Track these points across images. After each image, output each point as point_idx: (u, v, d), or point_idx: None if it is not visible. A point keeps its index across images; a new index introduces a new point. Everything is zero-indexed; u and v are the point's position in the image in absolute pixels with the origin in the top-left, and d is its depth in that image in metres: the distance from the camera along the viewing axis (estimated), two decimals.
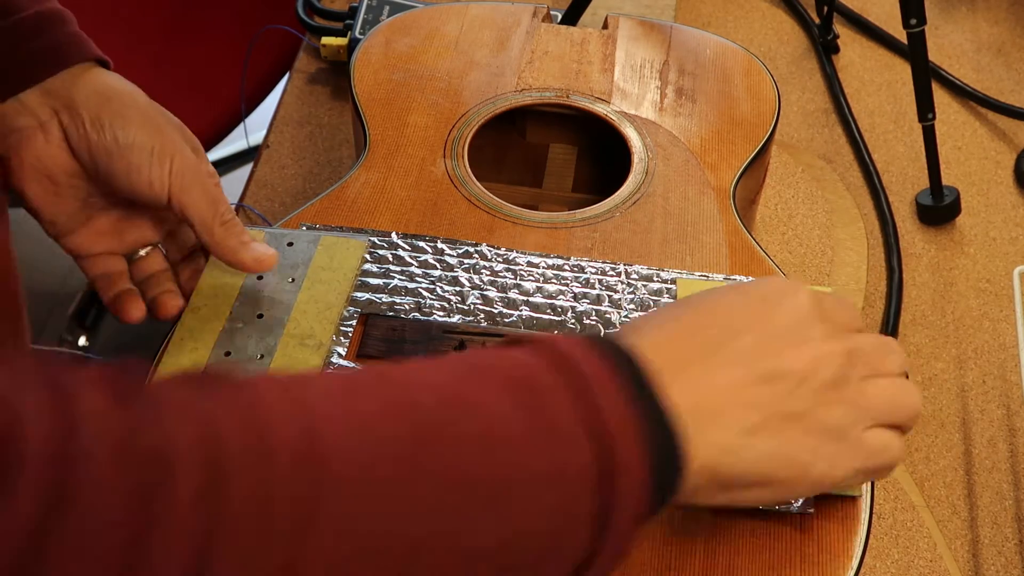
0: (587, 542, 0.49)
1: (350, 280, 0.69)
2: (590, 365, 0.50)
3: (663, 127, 0.80)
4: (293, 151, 0.96)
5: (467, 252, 0.71)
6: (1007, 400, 0.81)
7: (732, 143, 0.79)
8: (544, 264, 0.70)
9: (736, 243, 0.73)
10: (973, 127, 1.00)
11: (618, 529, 0.49)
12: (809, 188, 0.94)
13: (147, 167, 0.68)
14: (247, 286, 0.68)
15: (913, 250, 0.91)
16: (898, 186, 0.96)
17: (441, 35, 0.86)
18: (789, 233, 0.91)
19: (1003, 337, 0.85)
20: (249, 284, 0.69)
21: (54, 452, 0.39)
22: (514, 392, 0.49)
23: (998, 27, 1.08)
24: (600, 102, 0.81)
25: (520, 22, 0.87)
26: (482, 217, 0.73)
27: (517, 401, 0.49)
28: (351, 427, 0.46)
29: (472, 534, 0.47)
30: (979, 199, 0.95)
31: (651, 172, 0.77)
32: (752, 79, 0.84)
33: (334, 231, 0.72)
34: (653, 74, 0.84)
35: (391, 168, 0.76)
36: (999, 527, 0.75)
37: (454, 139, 0.78)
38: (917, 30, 0.86)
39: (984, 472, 0.77)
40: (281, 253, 0.70)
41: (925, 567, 0.73)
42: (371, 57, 0.84)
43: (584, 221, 0.73)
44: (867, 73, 1.04)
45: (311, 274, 0.69)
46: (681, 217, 0.74)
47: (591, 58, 0.84)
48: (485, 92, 0.81)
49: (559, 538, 0.48)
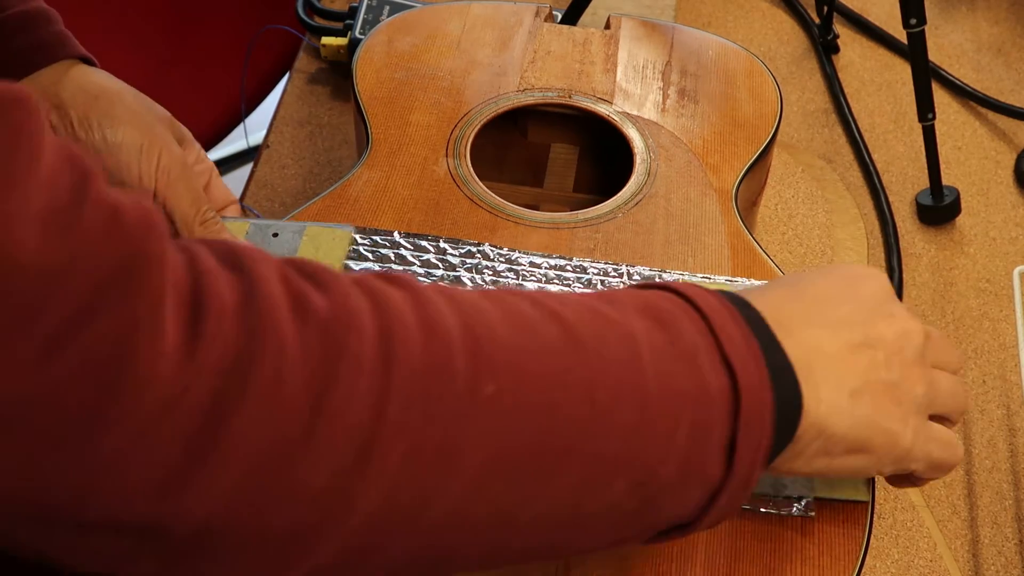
0: (717, 472, 0.49)
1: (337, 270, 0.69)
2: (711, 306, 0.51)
3: (665, 128, 0.80)
4: (293, 151, 0.96)
5: (469, 252, 0.71)
6: (1007, 400, 0.82)
7: (734, 145, 0.79)
8: (546, 264, 0.71)
9: (738, 245, 0.73)
10: (973, 127, 1.00)
11: (743, 463, 0.49)
12: (809, 188, 0.94)
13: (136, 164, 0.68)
14: None
15: (913, 250, 0.91)
16: (898, 186, 0.96)
17: (444, 34, 0.86)
18: (789, 233, 0.91)
19: (1003, 337, 0.86)
20: None
21: (242, 301, 0.41)
22: (649, 317, 0.50)
23: (998, 27, 1.09)
24: (602, 102, 0.82)
25: (523, 22, 0.87)
26: (484, 217, 0.73)
27: (653, 324, 0.49)
28: (507, 323, 0.47)
29: (616, 441, 0.47)
30: (979, 199, 0.95)
31: (653, 173, 0.77)
32: (755, 81, 0.84)
33: (319, 222, 0.72)
34: (655, 75, 0.84)
35: (393, 167, 0.76)
36: (999, 527, 0.75)
37: (456, 138, 0.78)
38: (917, 30, 0.86)
39: (984, 472, 0.78)
40: (266, 245, 0.70)
41: (925, 567, 0.73)
42: (374, 56, 0.84)
43: (586, 222, 0.74)
44: (867, 73, 1.05)
45: None
46: (683, 218, 0.74)
47: (594, 58, 0.84)
48: (487, 91, 0.82)
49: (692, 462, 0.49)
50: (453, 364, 0.44)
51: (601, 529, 0.50)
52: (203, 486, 0.40)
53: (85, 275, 0.38)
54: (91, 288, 0.38)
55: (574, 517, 0.48)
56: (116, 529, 0.40)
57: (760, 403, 0.49)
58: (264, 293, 0.42)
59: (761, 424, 0.49)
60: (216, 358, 0.40)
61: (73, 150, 0.40)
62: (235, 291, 0.41)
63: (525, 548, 0.49)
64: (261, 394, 0.40)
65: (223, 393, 0.40)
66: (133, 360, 0.38)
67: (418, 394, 0.43)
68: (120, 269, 0.39)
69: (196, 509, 0.40)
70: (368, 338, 0.43)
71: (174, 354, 0.39)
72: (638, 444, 0.47)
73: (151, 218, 0.41)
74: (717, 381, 0.49)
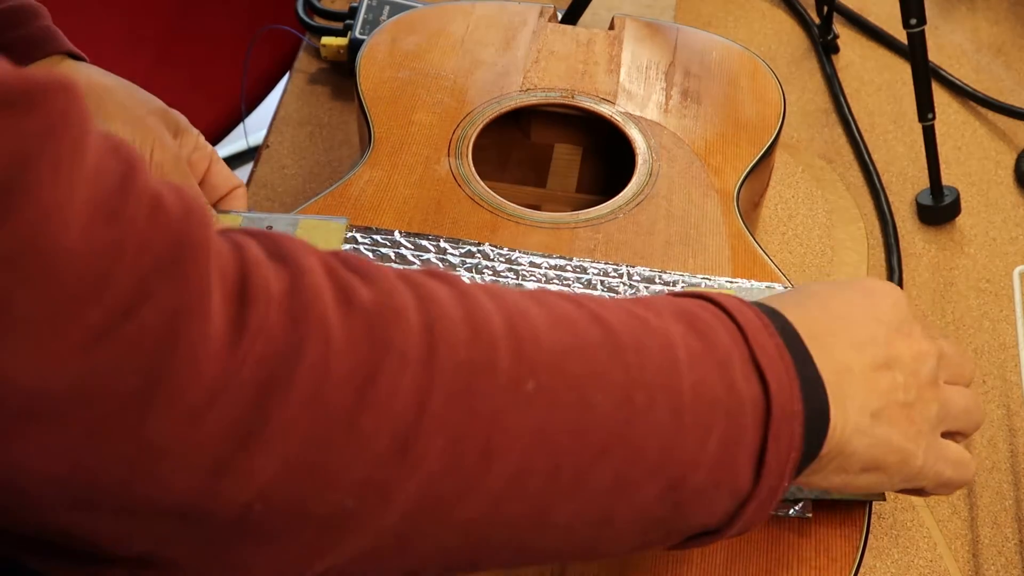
0: (746, 481, 0.49)
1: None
2: (745, 316, 0.51)
3: (668, 129, 0.80)
4: (293, 151, 0.96)
5: (470, 251, 0.71)
6: (1007, 400, 0.82)
7: (737, 146, 0.79)
8: (546, 264, 0.71)
9: (739, 246, 0.73)
10: (973, 127, 1.00)
11: (772, 474, 0.49)
12: (809, 188, 0.94)
13: None
14: None
15: (913, 250, 0.91)
16: (898, 186, 0.96)
17: (447, 34, 0.86)
18: (789, 233, 0.91)
19: (1003, 337, 0.86)
20: None
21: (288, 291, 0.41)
22: (685, 323, 0.50)
23: (998, 27, 1.09)
24: (605, 103, 0.82)
25: (527, 22, 0.87)
26: (485, 216, 0.73)
27: (689, 330, 0.50)
28: (550, 322, 0.47)
29: (651, 444, 0.47)
30: (979, 199, 0.95)
31: (655, 174, 0.77)
32: (758, 82, 0.84)
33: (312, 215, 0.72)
34: (659, 76, 0.84)
35: (395, 166, 0.76)
36: (999, 527, 0.75)
37: (459, 138, 0.78)
38: (917, 30, 0.86)
39: (984, 472, 0.78)
40: None
41: (925, 567, 0.73)
42: (377, 55, 0.84)
43: (587, 222, 0.74)
44: (867, 73, 1.05)
45: None
46: (684, 219, 0.74)
47: (597, 59, 0.85)
48: (490, 91, 0.82)
49: (722, 470, 0.49)
50: (496, 360, 0.44)
51: (630, 533, 0.50)
52: (247, 473, 0.40)
53: (132, 263, 0.38)
54: (139, 276, 0.38)
55: (605, 520, 0.48)
56: (160, 513, 0.40)
57: (791, 415, 0.49)
58: (309, 283, 0.42)
59: (791, 436, 0.49)
60: (262, 347, 0.40)
61: (117, 140, 0.40)
62: (281, 281, 0.42)
63: (553, 549, 0.49)
64: (305, 384, 0.40)
65: (268, 382, 0.40)
66: (179, 347, 0.38)
67: (460, 389, 0.43)
68: (167, 257, 0.39)
69: (239, 495, 0.40)
70: (413, 331, 0.43)
71: (220, 342, 0.39)
72: (672, 448, 0.48)
73: (196, 207, 0.41)
74: (750, 390, 0.49)
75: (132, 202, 0.39)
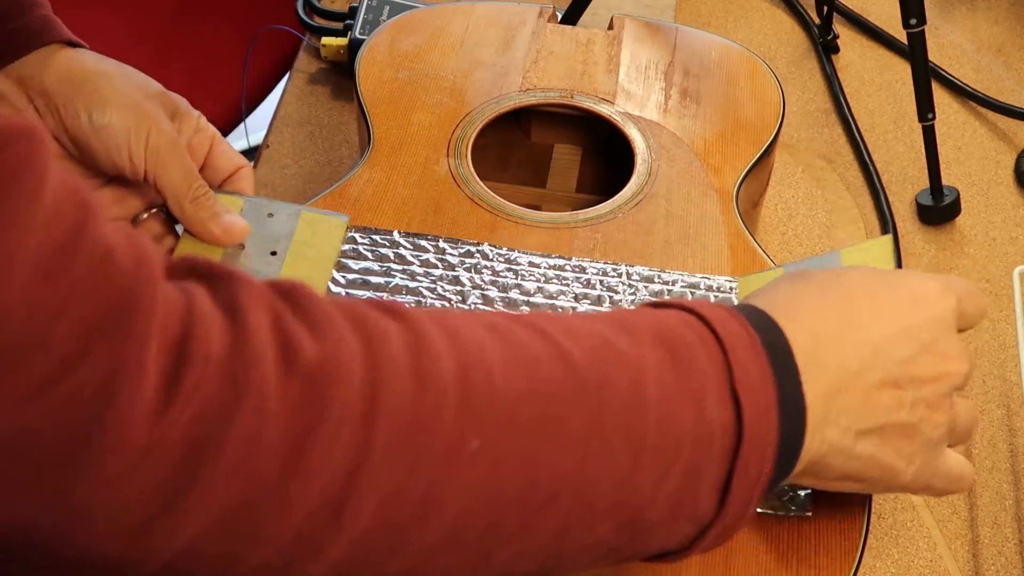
0: (708, 510, 0.48)
1: (332, 261, 0.69)
2: (730, 332, 0.50)
3: (667, 128, 0.80)
4: (293, 151, 0.96)
5: (469, 251, 0.71)
6: (1007, 400, 0.82)
7: (736, 145, 0.79)
8: (545, 264, 0.71)
9: (738, 246, 0.73)
10: (973, 127, 1.00)
11: (737, 502, 0.48)
12: (809, 188, 0.94)
13: (125, 145, 0.68)
14: (228, 255, 0.68)
15: (913, 250, 0.91)
16: (898, 186, 0.96)
17: (447, 34, 0.86)
18: (789, 233, 0.91)
19: (1003, 337, 0.86)
20: (229, 255, 0.68)
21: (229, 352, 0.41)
22: (663, 347, 0.49)
23: (998, 27, 1.09)
24: (604, 103, 0.82)
25: (526, 22, 0.87)
26: (484, 217, 0.73)
27: (667, 355, 0.48)
28: (507, 363, 0.46)
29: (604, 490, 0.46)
30: (979, 199, 0.95)
31: (654, 173, 0.77)
32: (757, 82, 0.84)
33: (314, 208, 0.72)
34: (658, 75, 0.84)
35: (394, 166, 0.76)
36: (999, 527, 0.75)
37: (458, 138, 0.78)
38: (917, 30, 0.86)
39: (984, 472, 0.78)
40: (261, 223, 0.70)
41: (925, 567, 0.73)
42: (376, 55, 0.84)
43: (586, 222, 0.74)
44: (867, 73, 1.05)
45: (294, 250, 0.69)
46: (683, 219, 0.74)
47: (596, 59, 0.85)
48: (490, 91, 0.82)
49: (682, 504, 0.48)
50: (441, 417, 0.44)
51: (583, 561, 0.49)
52: (170, 533, 0.40)
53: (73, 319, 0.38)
54: (78, 333, 0.38)
55: (554, 556, 0.48)
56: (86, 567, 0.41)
57: (763, 444, 0.48)
58: (253, 344, 0.41)
59: (760, 463, 0.49)
60: (194, 409, 0.40)
61: (76, 184, 0.40)
62: (224, 338, 0.41)
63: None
64: (236, 448, 0.40)
65: (198, 444, 0.40)
66: (111, 409, 0.38)
67: (400, 446, 0.43)
68: (109, 313, 0.39)
69: (162, 553, 0.41)
70: (355, 389, 0.42)
71: (151, 404, 0.39)
72: (625, 489, 0.47)
73: (146, 257, 0.41)
74: (722, 417, 0.48)
75: (82, 254, 0.39)
